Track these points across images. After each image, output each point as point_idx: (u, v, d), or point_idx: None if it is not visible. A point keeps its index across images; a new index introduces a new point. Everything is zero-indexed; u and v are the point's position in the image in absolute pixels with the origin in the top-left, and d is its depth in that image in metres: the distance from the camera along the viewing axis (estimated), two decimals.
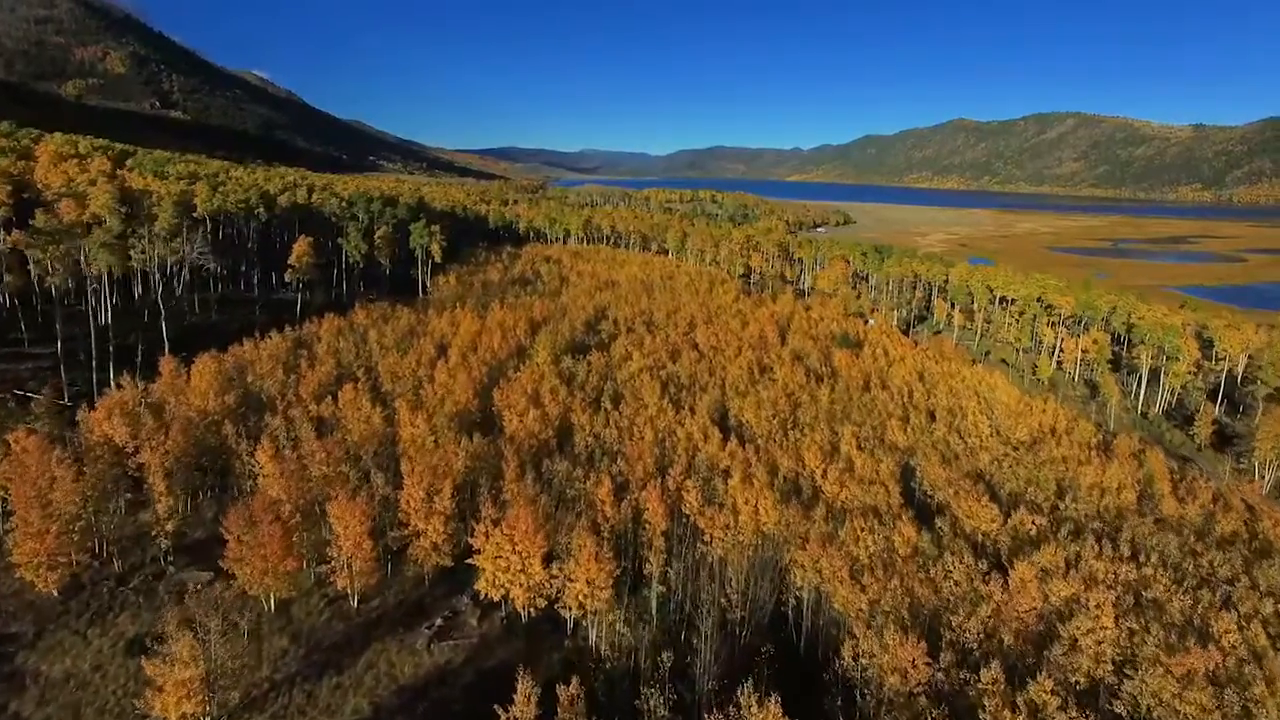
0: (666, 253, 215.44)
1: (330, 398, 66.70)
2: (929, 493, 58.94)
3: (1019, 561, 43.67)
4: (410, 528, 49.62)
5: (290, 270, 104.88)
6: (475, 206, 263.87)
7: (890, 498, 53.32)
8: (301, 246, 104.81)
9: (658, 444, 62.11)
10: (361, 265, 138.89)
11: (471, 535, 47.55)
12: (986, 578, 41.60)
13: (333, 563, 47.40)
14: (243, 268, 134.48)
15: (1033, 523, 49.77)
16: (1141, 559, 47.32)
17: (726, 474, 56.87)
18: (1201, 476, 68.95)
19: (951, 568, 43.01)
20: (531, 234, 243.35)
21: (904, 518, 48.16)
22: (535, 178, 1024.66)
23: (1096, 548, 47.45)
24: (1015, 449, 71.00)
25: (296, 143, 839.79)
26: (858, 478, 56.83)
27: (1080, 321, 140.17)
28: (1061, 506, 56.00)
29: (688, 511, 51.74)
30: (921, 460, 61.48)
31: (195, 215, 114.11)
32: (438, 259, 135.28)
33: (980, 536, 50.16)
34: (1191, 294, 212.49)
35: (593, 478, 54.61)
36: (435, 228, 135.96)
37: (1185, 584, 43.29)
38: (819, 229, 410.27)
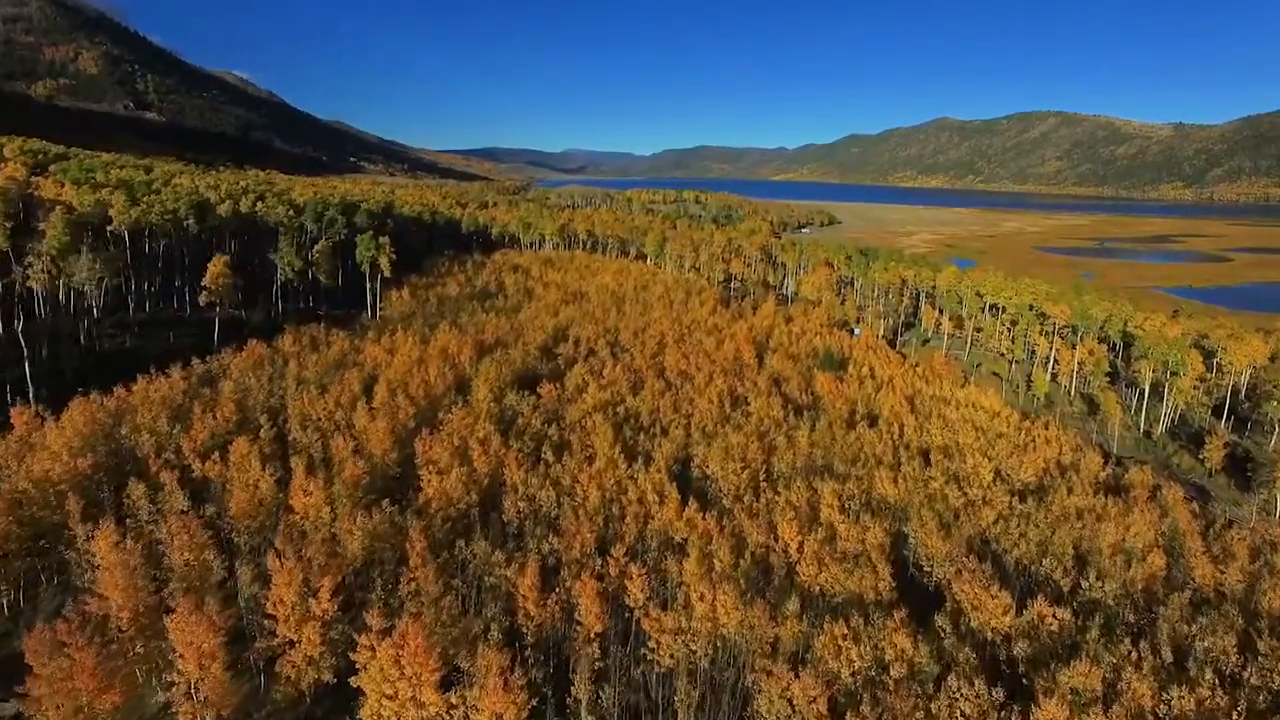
0: (645, 258, 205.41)
1: (220, 453, 56.18)
2: (926, 568, 49.50)
3: (1042, 683, 34.33)
4: (280, 637, 39.56)
5: (205, 292, 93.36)
6: (450, 210, 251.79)
7: (879, 580, 43.75)
8: (218, 265, 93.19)
9: (604, 507, 52.24)
10: (309, 279, 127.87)
11: (355, 650, 37.61)
12: (1002, 715, 32.16)
13: (173, 689, 37.24)
14: (176, 283, 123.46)
15: (1054, 616, 40.42)
16: (1193, 669, 38.02)
17: (683, 550, 47.15)
18: (1234, 529, 60.17)
19: (958, 695, 33.53)
20: (506, 239, 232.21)
21: (896, 617, 38.60)
22: (519, 178, 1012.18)
23: (1135, 654, 38.13)
24: (1022, 499, 61.80)
25: (275, 144, 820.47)
26: (840, 552, 47.21)
27: (1075, 329, 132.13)
28: (1084, 586, 46.70)
29: (631, 604, 42.05)
30: (916, 525, 51.99)
31: (111, 229, 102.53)
32: (388, 273, 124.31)
33: (989, 633, 40.78)
34: (1180, 295, 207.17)
35: (518, 559, 44.71)
36: (385, 239, 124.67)
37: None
38: (804, 229, 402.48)
